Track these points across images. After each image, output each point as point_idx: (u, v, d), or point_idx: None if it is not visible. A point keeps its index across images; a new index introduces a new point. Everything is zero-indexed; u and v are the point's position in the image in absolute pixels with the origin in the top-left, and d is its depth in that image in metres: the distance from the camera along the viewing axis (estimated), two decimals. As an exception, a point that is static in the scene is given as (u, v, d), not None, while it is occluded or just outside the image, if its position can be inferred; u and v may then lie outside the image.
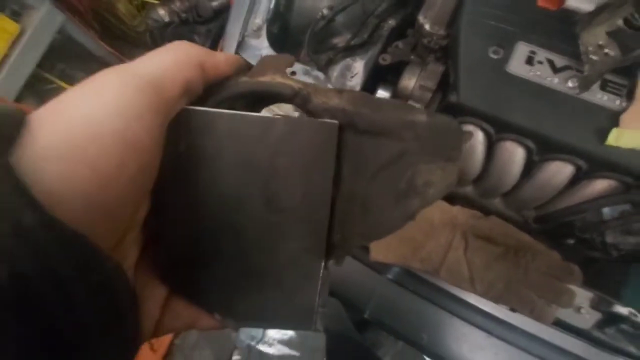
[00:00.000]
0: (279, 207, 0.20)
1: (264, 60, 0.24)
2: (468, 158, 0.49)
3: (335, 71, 0.63)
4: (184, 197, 0.19)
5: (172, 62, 0.17)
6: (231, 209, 0.19)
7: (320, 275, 0.21)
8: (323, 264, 0.21)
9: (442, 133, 0.20)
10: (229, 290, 0.21)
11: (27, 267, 0.12)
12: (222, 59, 0.20)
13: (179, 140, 0.18)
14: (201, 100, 0.19)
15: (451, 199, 0.56)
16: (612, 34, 0.39)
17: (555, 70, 0.42)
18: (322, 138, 0.19)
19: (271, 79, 0.20)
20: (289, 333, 0.20)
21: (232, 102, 0.20)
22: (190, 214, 0.19)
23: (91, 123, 0.13)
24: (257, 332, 0.20)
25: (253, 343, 0.20)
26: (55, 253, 0.12)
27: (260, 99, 0.21)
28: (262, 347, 0.20)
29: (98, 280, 0.14)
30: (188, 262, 0.20)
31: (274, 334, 0.20)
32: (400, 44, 0.59)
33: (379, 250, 0.53)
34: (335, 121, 0.19)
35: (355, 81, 0.62)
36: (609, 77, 0.42)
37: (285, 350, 0.20)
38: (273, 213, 0.20)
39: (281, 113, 0.21)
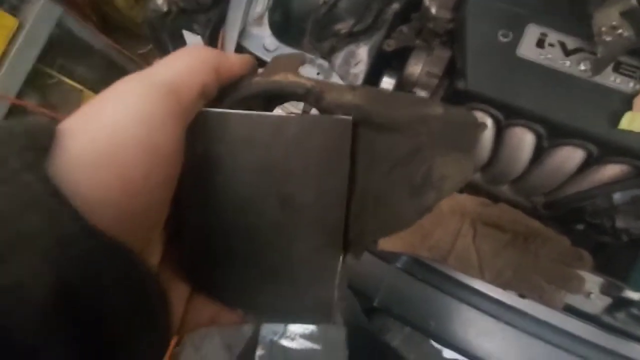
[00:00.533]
0: (295, 205, 0.20)
1: (276, 59, 0.24)
2: (476, 145, 0.49)
3: (339, 58, 0.61)
4: (202, 198, 0.19)
5: (188, 67, 0.17)
6: (248, 208, 0.20)
7: (338, 270, 0.21)
8: (340, 259, 0.21)
9: (458, 125, 0.20)
10: (249, 287, 0.21)
11: (71, 275, 0.12)
12: (236, 61, 0.20)
13: (196, 142, 0.18)
14: (216, 101, 0.20)
15: (459, 186, 0.56)
16: (626, 14, 0.38)
17: (567, 53, 0.41)
18: (336, 134, 0.19)
19: (284, 78, 0.20)
20: (310, 327, 0.21)
21: (247, 103, 0.20)
22: (208, 214, 0.20)
23: (117, 133, 0.14)
24: (278, 327, 0.21)
25: (275, 338, 0.20)
26: (96, 260, 0.13)
27: (274, 98, 0.21)
28: (285, 342, 0.20)
29: (135, 284, 0.14)
30: (208, 261, 0.21)
31: (295, 328, 0.21)
32: (404, 28, 0.58)
33: (387, 239, 0.53)
34: (349, 117, 0.19)
35: (359, 68, 0.61)
36: (622, 58, 0.40)
37: (307, 344, 0.20)
38: (289, 211, 0.20)
39: (296, 111, 0.21)
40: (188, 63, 0.17)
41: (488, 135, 0.48)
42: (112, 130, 0.14)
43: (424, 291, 0.59)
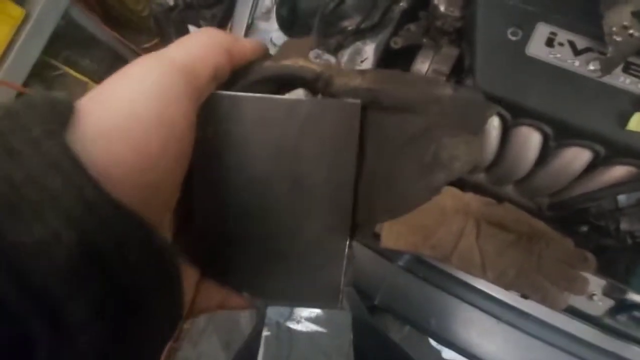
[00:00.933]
0: (305, 187, 0.20)
1: (287, 44, 0.25)
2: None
3: (345, 55, 0.61)
4: (212, 180, 0.20)
5: (202, 48, 0.17)
6: (258, 190, 0.20)
7: (345, 254, 0.21)
8: (347, 243, 0.21)
9: (467, 106, 0.20)
10: (257, 270, 0.21)
11: (93, 235, 0.13)
12: (249, 45, 0.20)
13: (207, 124, 0.19)
14: (228, 84, 0.20)
15: (463, 186, 0.55)
16: (638, 14, 0.38)
17: (577, 52, 0.41)
18: (345, 118, 0.20)
19: (294, 62, 0.20)
20: (316, 311, 0.21)
21: (258, 86, 0.21)
22: (218, 196, 0.20)
23: (134, 107, 0.14)
24: (285, 309, 0.21)
25: (282, 320, 0.20)
26: (115, 224, 0.13)
27: (284, 82, 0.21)
28: (291, 324, 0.20)
29: (152, 250, 0.15)
30: (217, 243, 0.21)
31: (301, 311, 0.21)
32: (412, 26, 0.57)
33: (390, 238, 0.53)
34: (358, 100, 0.20)
35: (365, 66, 0.60)
36: (632, 59, 0.40)
37: (313, 327, 0.20)
38: (298, 193, 0.20)
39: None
40: (202, 44, 0.18)
41: (494, 134, 0.48)
42: (129, 105, 0.14)
43: (425, 290, 0.59)
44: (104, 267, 0.13)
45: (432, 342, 0.72)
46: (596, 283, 0.50)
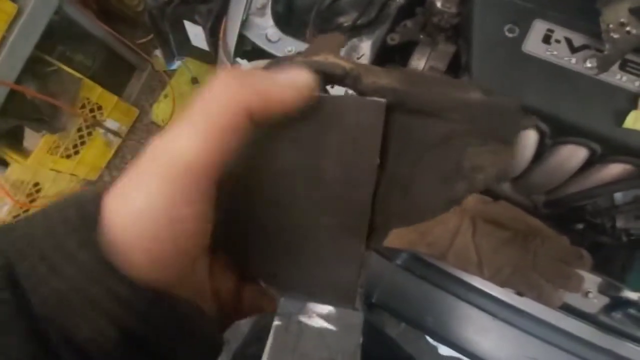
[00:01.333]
0: (325, 180, 0.20)
1: (318, 40, 0.24)
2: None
3: (341, 52, 0.61)
4: (233, 169, 0.19)
5: (205, 137, 0.16)
6: (277, 180, 0.20)
7: (362, 253, 0.21)
8: (364, 245, 0.21)
9: (498, 113, 0.19)
10: (274, 261, 0.22)
11: (132, 326, 0.16)
12: (282, 89, 0.17)
13: None
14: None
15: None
16: (635, 11, 0.37)
17: (573, 49, 0.40)
18: (369, 116, 0.19)
19: (324, 58, 0.20)
20: (329, 308, 0.21)
21: None
22: (238, 185, 0.20)
23: (145, 217, 0.16)
24: (298, 302, 0.21)
25: (294, 312, 0.20)
26: (149, 311, 0.16)
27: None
28: (302, 318, 0.20)
29: (185, 323, 0.18)
30: (236, 230, 0.21)
31: (314, 307, 0.21)
32: (408, 23, 0.57)
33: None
34: (383, 100, 0.19)
35: (362, 62, 0.60)
36: (629, 56, 0.40)
37: (323, 324, 0.20)
38: (318, 186, 0.20)
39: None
40: (205, 129, 0.16)
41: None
42: (142, 215, 0.16)
43: (422, 288, 0.59)
44: (141, 345, 0.16)
45: (429, 338, 0.72)
46: (591, 280, 0.50)
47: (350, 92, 0.21)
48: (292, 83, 0.18)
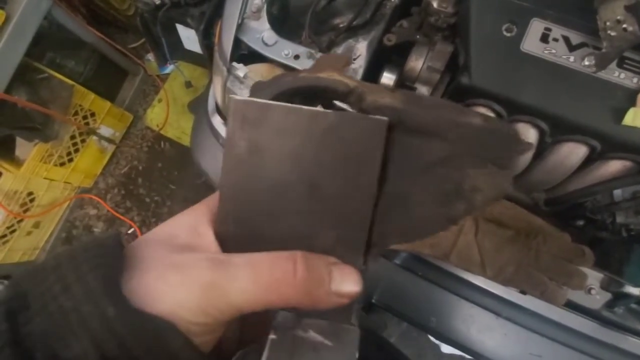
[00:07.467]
0: (322, 195, 0.20)
1: (323, 57, 0.26)
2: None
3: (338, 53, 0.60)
4: (236, 180, 0.20)
5: (256, 299, 0.19)
6: (276, 192, 0.20)
7: (360, 267, 0.21)
8: (362, 259, 0.21)
9: (496, 138, 0.20)
10: None
11: (112, 350, 0.16)
12: (330, 297, 0.20)
13: (236, 127, 0.19)
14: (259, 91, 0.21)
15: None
16: (631, 9, 0.37)
17: (571, 47, 0.41)
18: (370, 133, 0.20)
19: (329, 75, 0.21)
20: (324, 322, 0.21)
21: (290, 96, 0.21)
22: (239, 194, 0.21)
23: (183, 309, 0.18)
24: (294, 316, 0.21)
25: (290, 326, 0.20)
26: (128, 334, 0.17)
27: (317, 94, 0.22)
28: (298, 332, 0.20)
29: (166, 352, 0.18)
30: (235, 240, 0.21)
31: (310, 321, 0.21)
32: (404, 23, 0.57)
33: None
34: (385, 118, 0.19)
35: (358, 63, 0.60)
36: (627, 54, 0.40)
37: (318, 338, 0.20)
38: (315, 200, 0.20)
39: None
40: (260, 296, 0.19)
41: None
42: (166, 263, 0.19)
43: (423, 288, 0.59)
44: None
45: (431, 337, 0.72)
46: (594, 277, 0.50)
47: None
48: (339, 292, 0.20)
